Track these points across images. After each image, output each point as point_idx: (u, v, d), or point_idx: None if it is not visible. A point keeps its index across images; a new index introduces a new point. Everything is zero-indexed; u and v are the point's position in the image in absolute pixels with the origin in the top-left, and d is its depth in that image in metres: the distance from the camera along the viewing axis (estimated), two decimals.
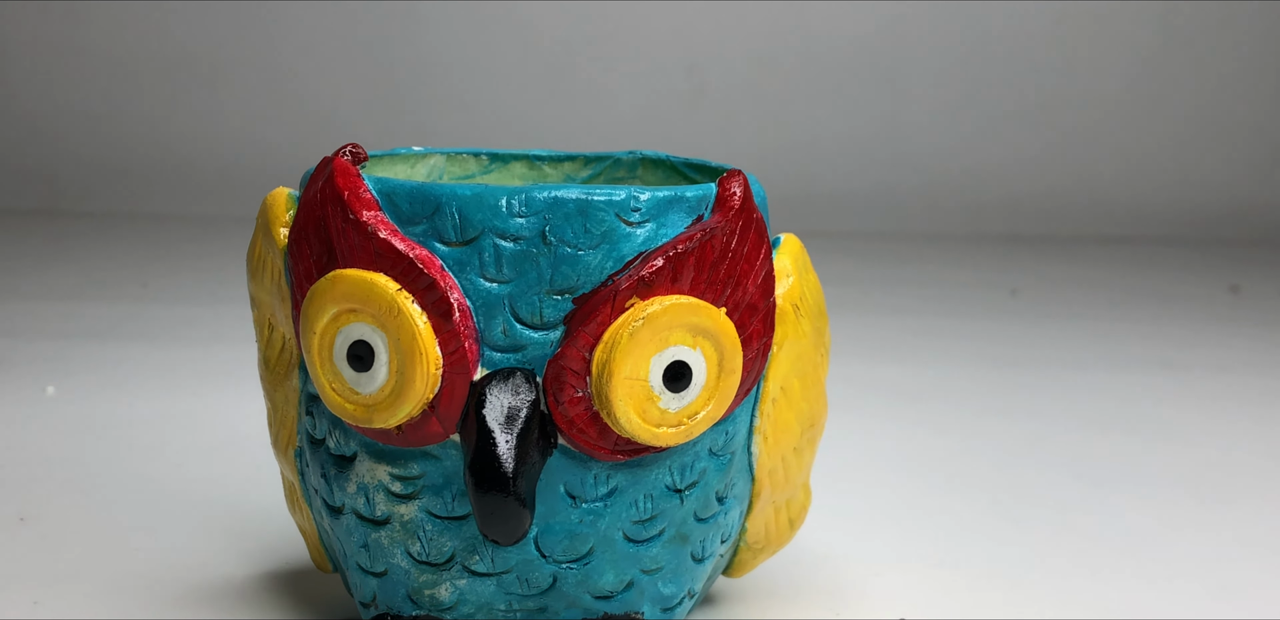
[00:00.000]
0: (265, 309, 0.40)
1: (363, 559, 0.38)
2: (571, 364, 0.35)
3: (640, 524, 0.37)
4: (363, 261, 0.35)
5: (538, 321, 0.35)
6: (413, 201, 0.35)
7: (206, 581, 0.46)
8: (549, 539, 0.37)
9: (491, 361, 0.35)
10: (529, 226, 0.35)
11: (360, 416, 0.36)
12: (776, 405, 0.40)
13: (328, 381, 0.36)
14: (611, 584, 0.38)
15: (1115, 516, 0.56)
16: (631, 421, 0.35)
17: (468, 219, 0.35)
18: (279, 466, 0.42)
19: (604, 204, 0.35)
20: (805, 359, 0.41)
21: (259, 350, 0.41)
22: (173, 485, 0.56)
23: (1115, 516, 0.56)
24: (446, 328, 0.35)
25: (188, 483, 0.56)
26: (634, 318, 0.35)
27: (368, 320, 0.35)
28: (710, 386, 0.36)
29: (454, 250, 0.35)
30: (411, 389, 0.35)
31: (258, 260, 0.40)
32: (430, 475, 0.36)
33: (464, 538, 0.37)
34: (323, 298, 0.35)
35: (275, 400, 0.40)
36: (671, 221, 0.36)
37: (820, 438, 0.43)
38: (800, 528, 0.44)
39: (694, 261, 0.36)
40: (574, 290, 0.35)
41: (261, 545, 0.49)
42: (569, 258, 0.35)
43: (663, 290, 0.35)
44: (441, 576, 0.37)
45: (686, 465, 0.38)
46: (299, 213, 0.37)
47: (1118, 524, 0.55)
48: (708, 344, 0.36)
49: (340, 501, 0.38)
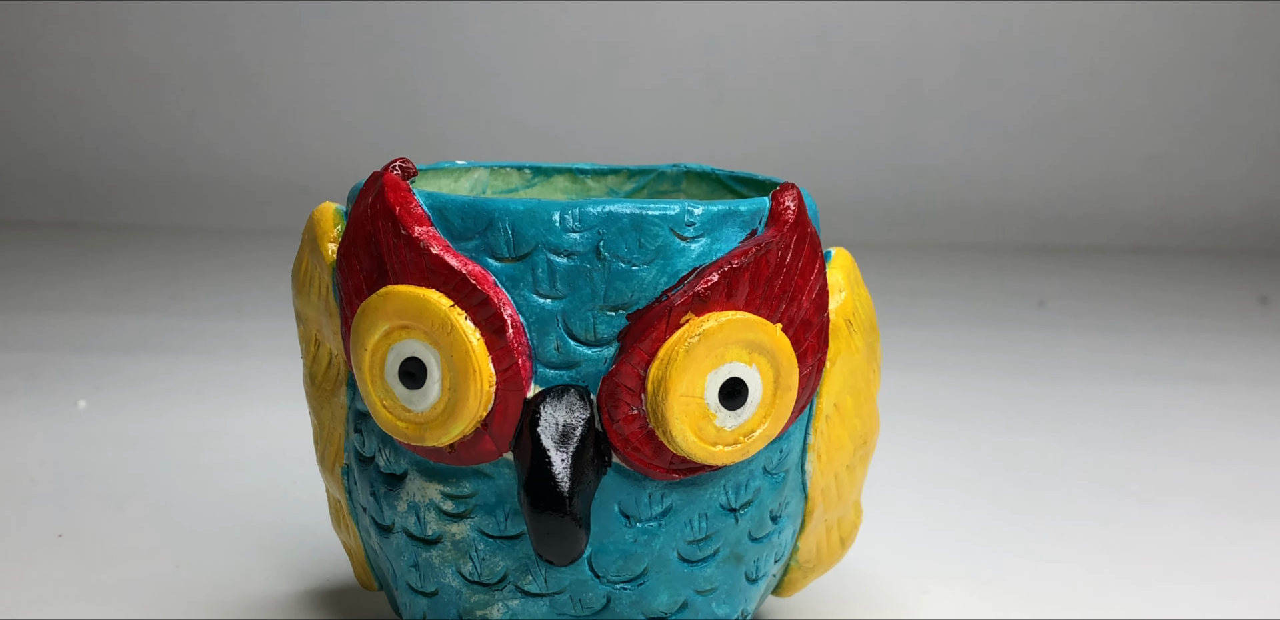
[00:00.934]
0: (312, 325, 0.40)
1: (413, 578, 0.38)
2: (626, 381, 0.34)
3: (695, 544, 0.37)
4: (415, 277, 0.35)
5: (591, 338, 0.34)
6: (465, 217, 0.35)
7: (248, 599, 0.45)
8: (603, 559, 0.36)
9: (545, 379, 0.34)
10: (583, 242, 0.34)
11: (412, 434, 0.35)
12: (830, 422, 0.39)
13: (379, 399, 0.36)
14: (665, 604, 0.37)
15: (1162, 533, 0.55)
16: (688, 440, 0.35)
17: (521, 234, 0.34)
18: (324, 484, 0.41)
19: (658, 219, 0.34)
20: (858, 375, 0.40)
21: (305, 366, 0.40)
22: (209, 501, 0.55)
23: (1162, 533, 0.55)
24: (500, 344, 0.34)
25: (224, 498, 0.55)
26: (690, 334, 0.34)
27: (420, 337, 0.35)
28: (766, 404, 0.36)
29: (507, 266, 0.34)
30: (464, 407, 0.34)
31: (304, 275, 0.39)
32: (483, 494, 0.36)
33: (517, 557, 0.36)
34: (374, 314, 0.35)
35: (322, 417, 0.40)
36: (726, 236, 0.35)
37: (872, 455, 0.42)
38: (850, 547, 0.44)
39: (749, 277, 0.35)
40: (628, 306, 0.34)
41: (302, 562, 0.48)
42: (623, 273, 0.34)
43: (718, 306, 0.35)
44: (494, 597, 0.37)
45: (741, 484, 0.37)
46: (348, 228, 0.37)
47: (1165, 541, 0.54)
48: (764, 360, 0.35)
49: (390, 520, 0.38)
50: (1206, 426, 0.72)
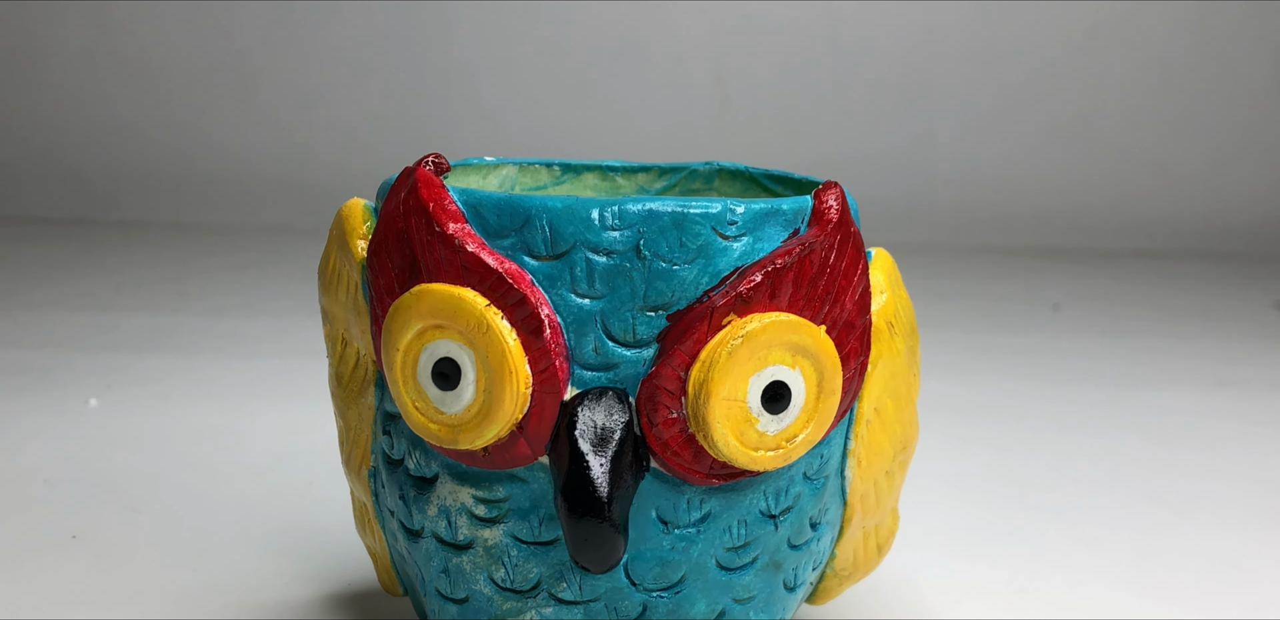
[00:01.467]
0: (339, 324, 0.39)
1: (442, 585, 0.37)
2: (666, 383, 0.33)
3: (733, 551, 0.36)
4: (449, 276, 0.34)
5: (630, 339, 0.33)
6: (501, 214, 0.34)
7: (267, 602, 0.44)
8: (639, 566, 0.35)
9: (582, 381, 0.33)
10: (622, 240, 0.33)
11: (445, 437, 0.34)
12: (870, 427, 0.38)
13: (410, 400, 0.34)
14: (703, 613, 0.36)
15: (1196, 541, 0.54)
16: (729, 445, 0.34)
17: (558, 232, 0.33)
18: (349, 486, 0.40)
19: (700, 217, 0.33)
20: (899, 379, 0.39)
21: (331, 366, 0.39)
22: (226, 503, 0.54)
23: (1196, 541, 0.54)
24: (537, 345, 0.33)
25: (240, 500, 0.54)
26: (732, 335, 0.33)
27: (454, 337, 0.34)
28: (809, 408, 0.35)
29: (544, 264, 0.33)
30: (500, 409, 0.33)
31: (332, 273, 0.38)
32: (516, 498, 0.35)
33: (551, 564, 0.35)
34: (407, 313, 0.34)
35: (348, 418, 0.39)
36: (768, 235, 0.34)
37: (911, 460, 0.41)
38: (887, 554, 0.43)
39: (792, 277, 0.34)
40: (668, 306, 0.33)
41: (323, 566, 0.47)
42: (663, 273, 0.33)
43: (760, 307, 0.34)
44: (526, 604, 0.36)
45: (781, 490, 0.36)
46: (380, 225, 0.36)
47: (1200, 549, 0.53)
48: (807, 363, 0.34)
49: (419, 525, 0.36)
50: (1234, 432, 0.71)
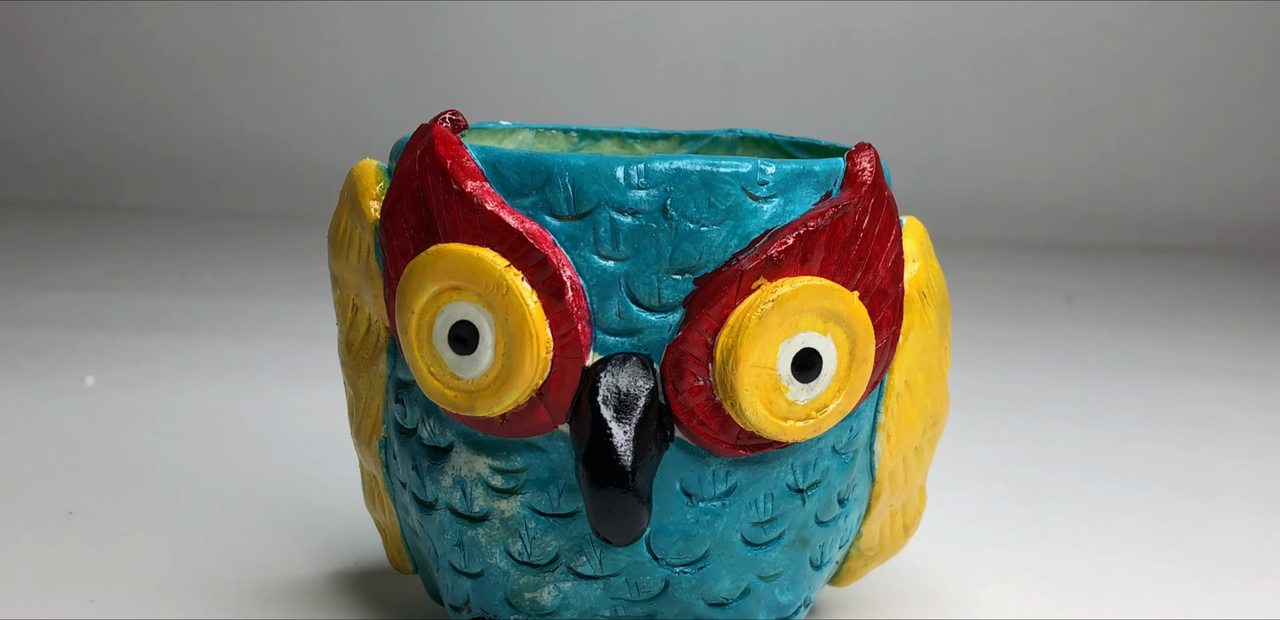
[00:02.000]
0: (349, 289, 0.37)
1: (456, 558, 0.35)
2: (693, 349, 0.32)
3: (759, 526, 0.34)
4: (467, 236, 0.32)
5: (656, 303, 0.32)
6: (521, 172, 0.32)
7: (273, 581, 0.43)
8: (662, 540, 0.34)
9: (605, 346, 0.32)
10: (648, 199, 0.32)
11: (461, 404, 0.33)
12: (901, 401, 0.37)
13: (426, 365, 0.33)
14: (727, 590, 0.35)
15: (1220, 530, 0.53)
16: (758, 413, 0.32)
17: (582, 191, 0.32)
18: (359, 458, 0.39)
19: (729, 176, 0.32)
20: (930, 351, 0.38)
21: (341, 333, 0.38)
22: (226, 480, 0.53)
23: (1220, 530, 0.53)
24: (558, 308, 0.32)
25: (242, 478, 0.53)
26: (762, 300, 0.32)
27: (472, 299, 0.32)
28: (841, 377, 0.33)
29: (566, 224, 0.32)
30: (519, 374, 0.32)
31: (343, 236, 0.37)
32: (535, 468, 0.33)
33: (570, 537, 0.34)
34: (423, 274, 0.33)
35: (358, 387, 0.38)
36: (799, 197, 0.33)
37: (940, 437, 0.40)
38: (914, 534, 0.41)
39: (825, 241, 0.33)
40: (695, 269, 0.32)
41: (329, 544, 0.46)
42: (691, 234, 0.32)
43: (791, 271, 0.32)
44: (544, 578, 0.34)
45: (809, 463, 0.35)
46: (394, 184, 0.34)
47: (1224, 538, 0.52)
48: (839, 331, 0.33)
49: (433, 496, 0.35)
50: (1251, 423, 0.70)
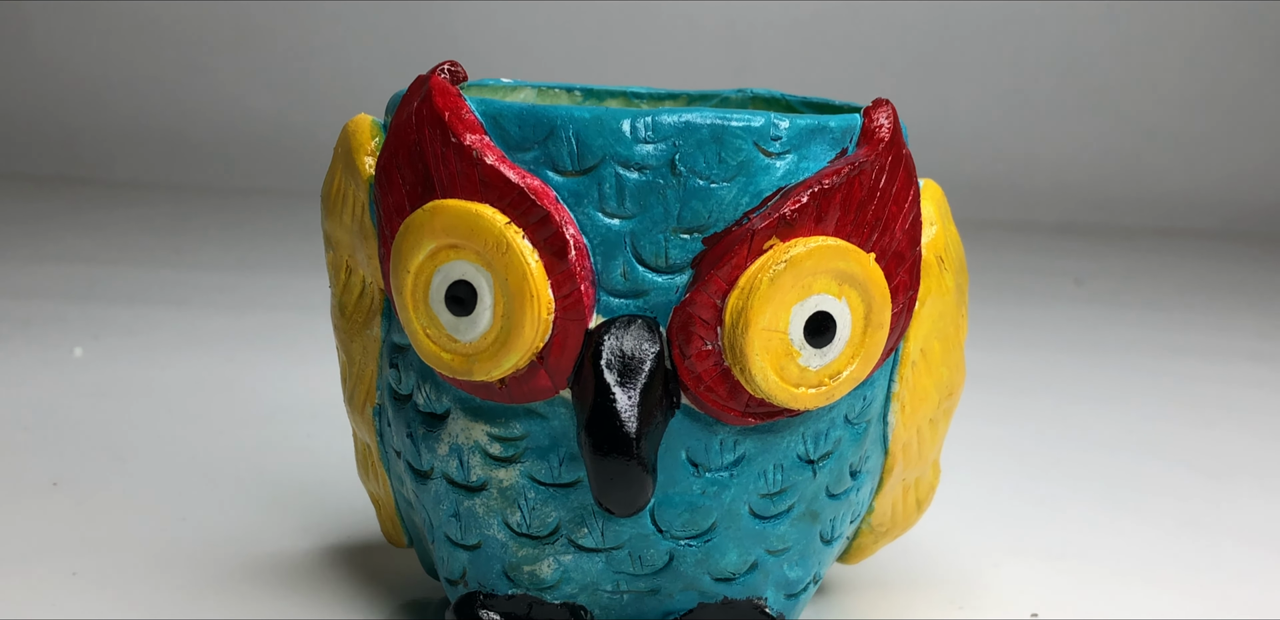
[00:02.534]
0: (343, 250, 0.36)
1: (452, 530, 0.34)
2: (701, 312, 0.30)
3: (768, 498, 0.33)
4: (466, 191, 0.31)
5: (662, 263, 0.30)
6: (523, 125, 0.31)
7: (261, 555, 0.41)
8: (667, 512, 0.32)
9: (609, 308, 0.31)
10: (656, 154, 0.30)
11: (458, 367, 0.31)
12: (916, 370, 0.36)
13: (421, 327, 0.32)
14: (734, 564, 0.33)
15: (1238, 510, 0.51)
16: (768, 379, 0.31)
17: (586, 145, 0.30)
18: (352, 427, 0.37)
19: (741, 130, 0.31)
20: (947, 319, 0.36)
21: (334, 296, 0.36)
22: (217, 453, 0.51)
23: (1238, 510, 0.51)
24: (561, 267, 0.30)
25: (234, 451, 0.52)
26: (774, 260, 0.30)
27: (470, 258, 0.31)
28: (855, 342, 0.32)
29: (570, 180, 0.30)
30: (519, 336, 0.30)
31: (336, 194, 0.35)
32: (535, 436, 0.32)
33: (571, 508, 0.32)
34: (419, 232, 0.31)
35: (351, 352, 0.36)
36: (814, 154, 0.32)
37: (955, 409, 0.38)
38: (927, 510, 0.40)
39: (840, 200, 0.31)
40: (704, 228, 0.30)
41: (321, 518, 0.45)
42: (700, 191, 0.30)
43: (805, 231, 0.31)
44: (543, 551, 0.33)
45: (821, 433, 0.33)
46: (390, 138, 0.33)
47: (1242, 518, 0.50)
48: (854, 294, 0.32)
49: (429, 465, 0.34)
50: (1268, 404, 0.68)
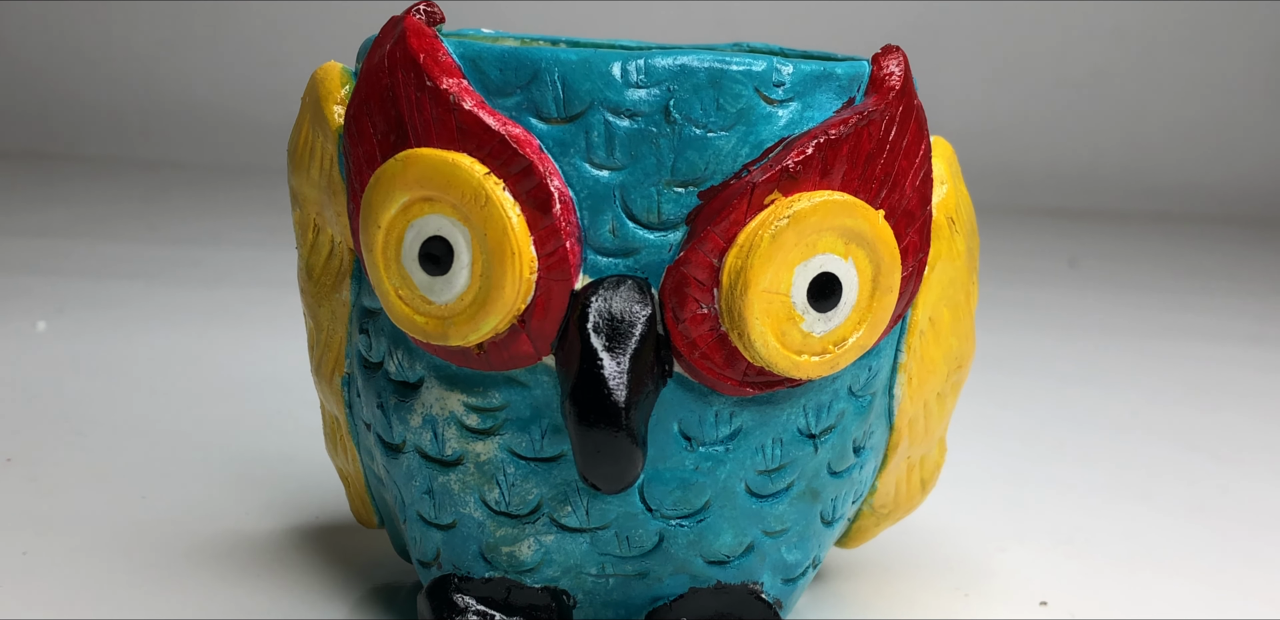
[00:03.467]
0: (310, 207, 0.33)
1: (425, 508, 0.31)
2: (696, 272, 0.28)
3: (766, 474, 0.31)
4: (442, 139, 0.28)
5: (654, 219, 0.28)
6: (504, 68, 0.28)
7: (222, 534, 0.39)
8: (657, 489, 0.30)
9: (597, 267, 0.28)
10: (649, 100, 0.28)
11: (433, 331, 0.29)
12: (924, 339, 0.33)
13: (393, 287, 0.29)
14: (729, 546, 0.31)
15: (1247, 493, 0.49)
16: (768, 346, 0.28)
17: (573, 90, 0.28)
18: (320, 398, 0.35)
19: (741, 75, 0.28)
20: (958, 285, 0.34)
21: (300, 258, 0.34)
22: (181, 429, 0.49)
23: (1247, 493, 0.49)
24: (544, 223, 0.28)
25: (198, 427, 0.50)
26: (776, 216, 0.28)
27: (446, 211, 0.28)
28: (862, 307, 0.30)
29: (555, 128, 0.28)
30: (499, 297, 0.28)
31: (303, 147, 0.33)
32: (515, 406, 0.29)
33: (553, 484, 0.30)
34: (390, 183, 0.29)
35: (319, 318, 0.34)
36: (819, 103, 0.29)
37: (963, 383, 0.36)
38: (931, 491, 0.37)
39: (847, 152, 0.29)
40: (700, 181, 0.28)
41: (284, 496, 0.42)
42: (696, 141, 0.28)
43: (809, 185, 0.28)
44: (523, 530, 0.30)
45: (823, 406, 0.31)
46: (360, 84, 0.30)
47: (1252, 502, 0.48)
48: (861, 254, 0.29)
49: (400, 438, 0.31)
50: (1274, 388, 0.66)
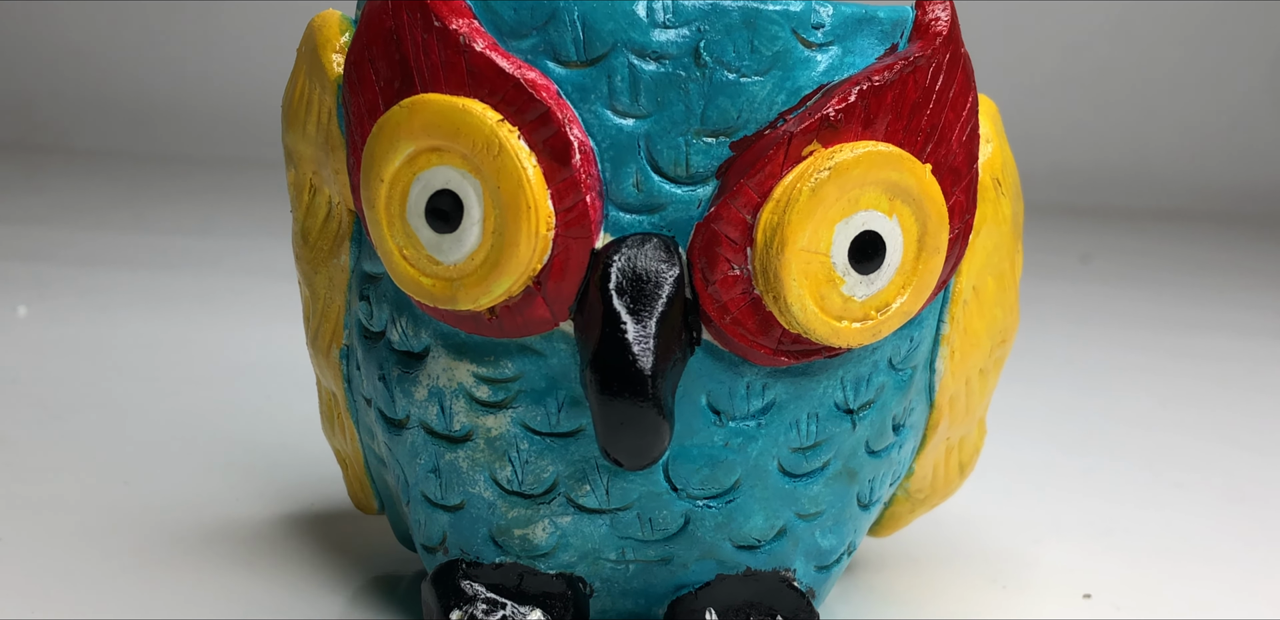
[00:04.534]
0: (306, 166, 0.31)
1: (431, 488, 0.29)
2: (728, 230, 0.26)
3: (801, 452, 0.28)
4: (452, 84, 0.26)
5: (682, 172, 0.26)
6: (519, 7, 0.26)
7: (212, 522, 0.37)
8: (683, 466, 0.27)
9: (619, 225, 0.26)
10: (677, 42, 0.26)
11: (440, 295, 0.26)
12: (968, 310, 0.31)
13: (397, 247, 0.27)
14: (760, 529, 0.29)
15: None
16: (806, 310, 0.26)
17: (594, 30, 0.26)
18: (315, 373, 0.32)
19: (778, 16, 0.26)
20: (1003, 252, 0.32)
21: (295, 221, 0.31)
22: (168, 415, 0.47)
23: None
24: (563, 175, 0.25)
25: (186, 412, 0.48)
26: (816, 168, 0.26)
27: (456, 163, 0.26)
28: (906, 270, 0.27)
29: (574, 73, 0.26)
30: (513, 256, 0.26)
31: (299, 101, 0.30)
32: (530, 377, 0.27)
33: (571, 461, 0.27)
34: (395, 131, 0.26)
35: (315, 285, 0.31)
36: (860, 48, 0.27)
37: (1006, 358, 0.34)
38: (969, 475, 0.35)
39: (892, 101, 0.27)
40: (733, 131, 0.26)
41: (277, 484, 0.40)
42: (729, 86, 0.26)
43: (851, 136, 0.26)
44: (538, 512, 0.28)
45: (862, 379, 0.29)
46: (362, 26, 0.28)
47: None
48: (907, 211, 0.27)
49: (404, 412, 0.29)
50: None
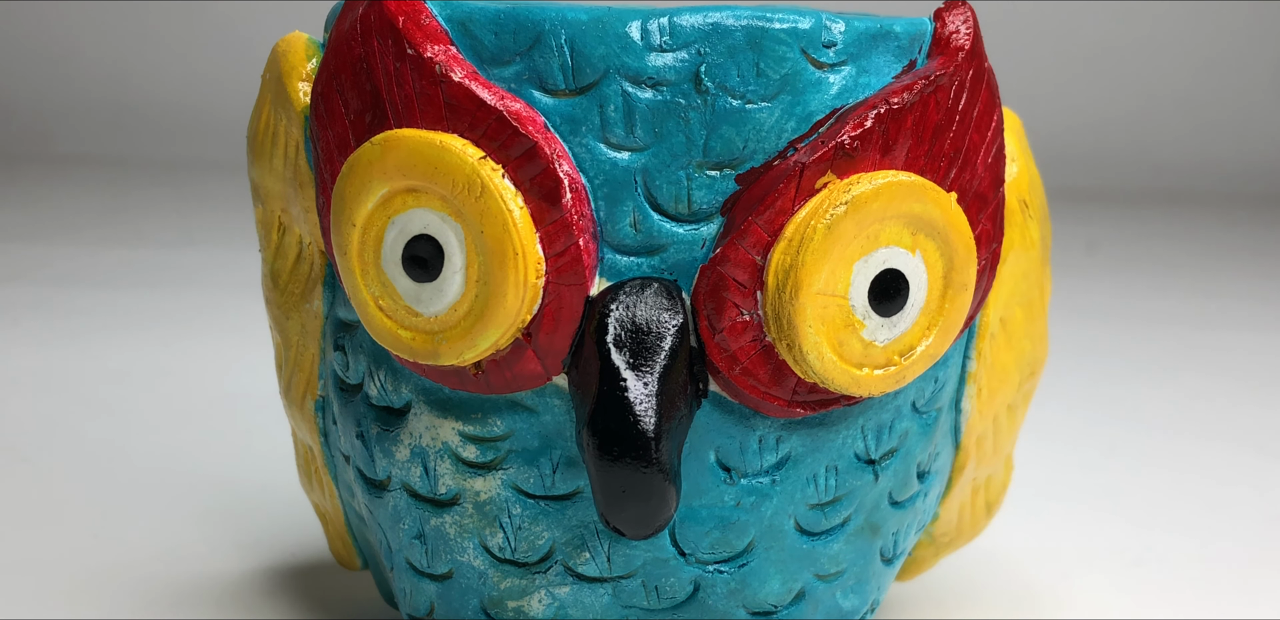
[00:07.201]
0: (274, 202, 0.29)
1: (416, 556, 0.27)
2: (735, 272, 0.24)
3: (819, 509, 0.26)
4: (428, 118, 0.24)
5: (684, 209, 0.24)
6: (500, 31, 0.24)
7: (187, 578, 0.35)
8: (692, 529, 0.26)
9: (616, 269, 0.24)
10: (675, 66, 0.24)
11: (421, 348, 0.25)
12: (995, 344, 0.29)
13: (372, 297, 0.25)
14: (776, 594, 0.27)
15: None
16: (824, 358, 0.24)
17: (583, 55, 0.24)
18: (290, 425, 0.30)
19: (785, 34, 0.24)
20: (1031, 279, 0.30)
21: (264, 262, 0.30)
22: (140, 454, 0.46)
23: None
24: (553, 216, 0.24)
25: (160, 451, 0.46)
26: (831, 203, 0.24)
27: (434, 205, 0.24)
28: (932, 309, 0.25)
29: (563, 102, 0.24)
30: (500, 306, 0.24)
31: (264, 133, 0.28)
32: (520, 435, 0.26)
33: (568, 526, 0.26)
34: (367, 171, 0.25)
35: (287, 332, 0.29)
36: (876, 66, 0.25)
37: (1034, 392, 0.31)
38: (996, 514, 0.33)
39: (912, 125, 0.25)
40: (739, 163, 0.24)
41: (257, 534, 0.39)
42: (733, 114, 0.24)
43: (869, 165, 0.24)
44: (533, 582, 0.26)
45: (884, 426, 0.27)
46: (329, 55, 0.26)
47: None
48: (931, 246, 0.25)
49: (385, 473, 0.27)
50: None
